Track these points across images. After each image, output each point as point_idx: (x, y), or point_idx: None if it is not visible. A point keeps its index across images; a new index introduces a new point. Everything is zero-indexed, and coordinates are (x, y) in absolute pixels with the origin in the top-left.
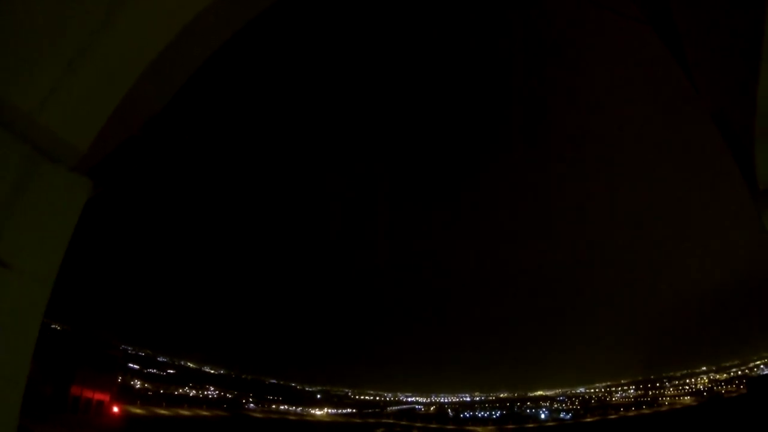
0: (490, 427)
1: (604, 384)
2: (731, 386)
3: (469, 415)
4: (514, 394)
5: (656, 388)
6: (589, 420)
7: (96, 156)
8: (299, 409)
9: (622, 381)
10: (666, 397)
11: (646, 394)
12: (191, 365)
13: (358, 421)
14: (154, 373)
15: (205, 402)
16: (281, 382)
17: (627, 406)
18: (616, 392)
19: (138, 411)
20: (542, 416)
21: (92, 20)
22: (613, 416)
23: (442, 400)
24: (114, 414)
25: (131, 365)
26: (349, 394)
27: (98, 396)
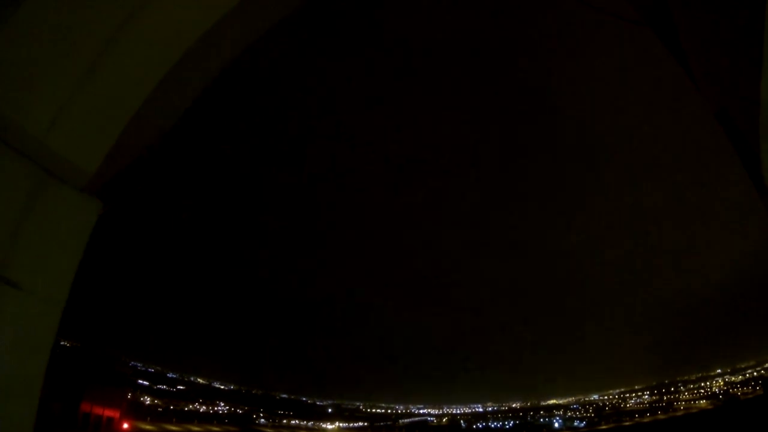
0: None
1: (617, 390)
2: (747, 388)
3: (482, 425)
4: (527, 404)
5: (671, 393)
6: (603, 428)
7: (105, 176)
8: (310, 423)
9: (636, 387)
10: (681, 401)
11: (660, 400)
12: (201, 381)
13: None
14: (163, 389)
15: (216, 417)
16: (292, 397)
17: (642, 413)
18: (631, 398)
19: (148, 427)
20: (556, 425)
21: (99, 42)
22: (627, 423)
23: (454, 412)
24: (123, 431)
25: (141, 381)
26: (361, 407)
27: (108, 413)
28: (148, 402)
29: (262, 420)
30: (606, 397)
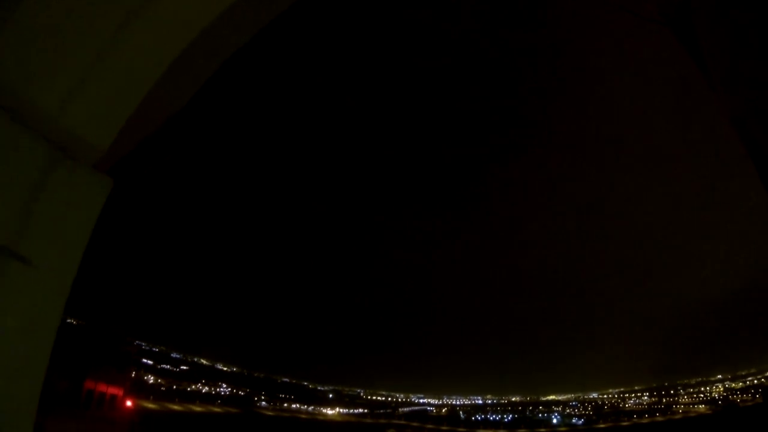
0: (501, 431)
1: (617, 390)
2: (747, 395)
3: (481, 418)
4: (526, 398)
5: (670, 396)
6: (601, 426)
7: (115, 155)
8: (311, 408)
9: (636, 387)
10: (680, 404)
11: (659, 402)
12: (204, 362)
13: (369, 421)
14: (167, 369)
15: (218, 399)
16: (293, 381)
17: (640, 413)
18: (630, 399)
19: (151, 406)
20: (554, 421)
21: (115, 19)
22: (625, 423)
23: (453, 403)
24: (127, 409)
25: (145, 361)
26: (361, 394)
27: (111, 391)
28: (151, 381)
29: (263, 403)
30: (605, 396)
